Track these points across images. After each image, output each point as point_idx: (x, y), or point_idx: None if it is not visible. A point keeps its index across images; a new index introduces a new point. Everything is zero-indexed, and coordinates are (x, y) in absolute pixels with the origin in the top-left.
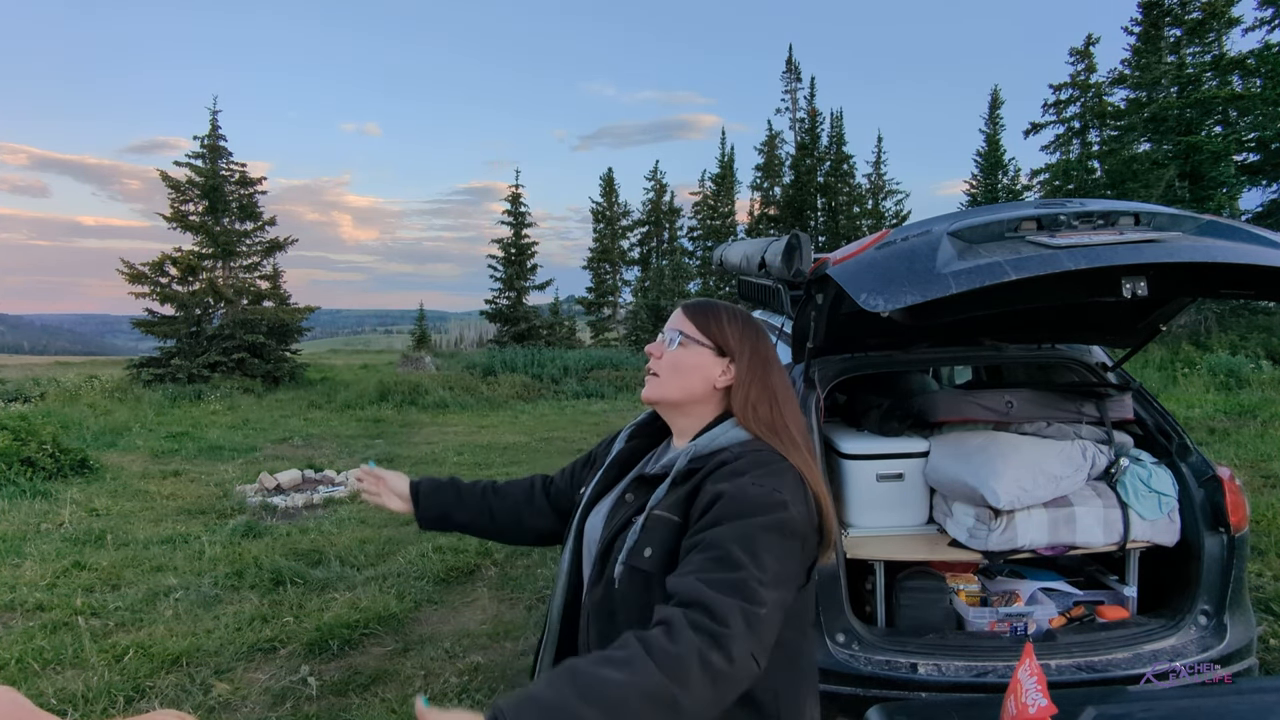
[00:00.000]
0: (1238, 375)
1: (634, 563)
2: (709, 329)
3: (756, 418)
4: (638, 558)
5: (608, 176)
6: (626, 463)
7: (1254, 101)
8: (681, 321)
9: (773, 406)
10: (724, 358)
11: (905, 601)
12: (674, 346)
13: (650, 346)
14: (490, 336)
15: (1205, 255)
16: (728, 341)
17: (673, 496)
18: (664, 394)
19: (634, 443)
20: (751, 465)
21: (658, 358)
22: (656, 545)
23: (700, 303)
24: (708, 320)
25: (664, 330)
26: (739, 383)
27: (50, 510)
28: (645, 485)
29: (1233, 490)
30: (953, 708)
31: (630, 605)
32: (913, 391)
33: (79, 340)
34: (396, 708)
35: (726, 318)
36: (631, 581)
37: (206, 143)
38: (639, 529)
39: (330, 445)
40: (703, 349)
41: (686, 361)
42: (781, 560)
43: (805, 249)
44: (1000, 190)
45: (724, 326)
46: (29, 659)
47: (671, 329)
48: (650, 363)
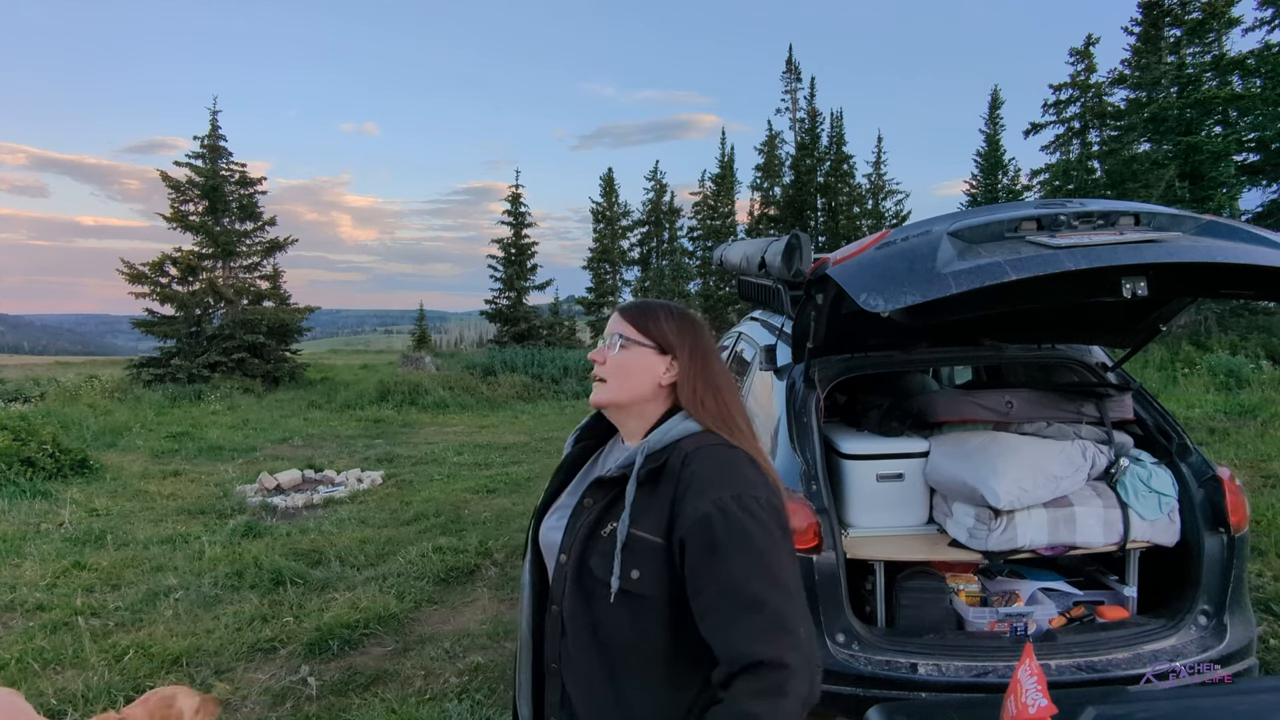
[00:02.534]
0: (1238, 375)
1: (626, 586)
2: (648, 329)
3: (705, 410)
4: (628, 581)
5: (608, 176)
6: (574, 466)
7: (1254, 101)
8: (621, 325)
9: (718, 397)
10: (666, 355)
11: (905, 601)
12: (617, 350)
13: (594, 353)
14: (490, 336)
15: (1205, 255)
16: (667, 339)
17: (644, 506)
18: (612, 397)
19: (581, 445)
20: (714, 466)
21: (602, 363)
22: (643, 567)
23: (636, 304)
24: (645, 320)
25: (604, 335)
26: (684, 378)
27: (50, 510)
28: (603, 488)
29: (1233, 490)
30: (953, 708)
31: (619, 622)
32: (913, 391)
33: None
34: (396, 708)
35: (664, 316)
36: (623, 603)
37: (206, 143)
38: (620, 549)
39: (330, 445)
40: (645, 349)
41: (631, 363)
42: (791, 560)
43: (805, 249)
44: (1000, 190)
45: (662, 325)
46: (29, 659)
47: (612, 333)
48: (595, 369)
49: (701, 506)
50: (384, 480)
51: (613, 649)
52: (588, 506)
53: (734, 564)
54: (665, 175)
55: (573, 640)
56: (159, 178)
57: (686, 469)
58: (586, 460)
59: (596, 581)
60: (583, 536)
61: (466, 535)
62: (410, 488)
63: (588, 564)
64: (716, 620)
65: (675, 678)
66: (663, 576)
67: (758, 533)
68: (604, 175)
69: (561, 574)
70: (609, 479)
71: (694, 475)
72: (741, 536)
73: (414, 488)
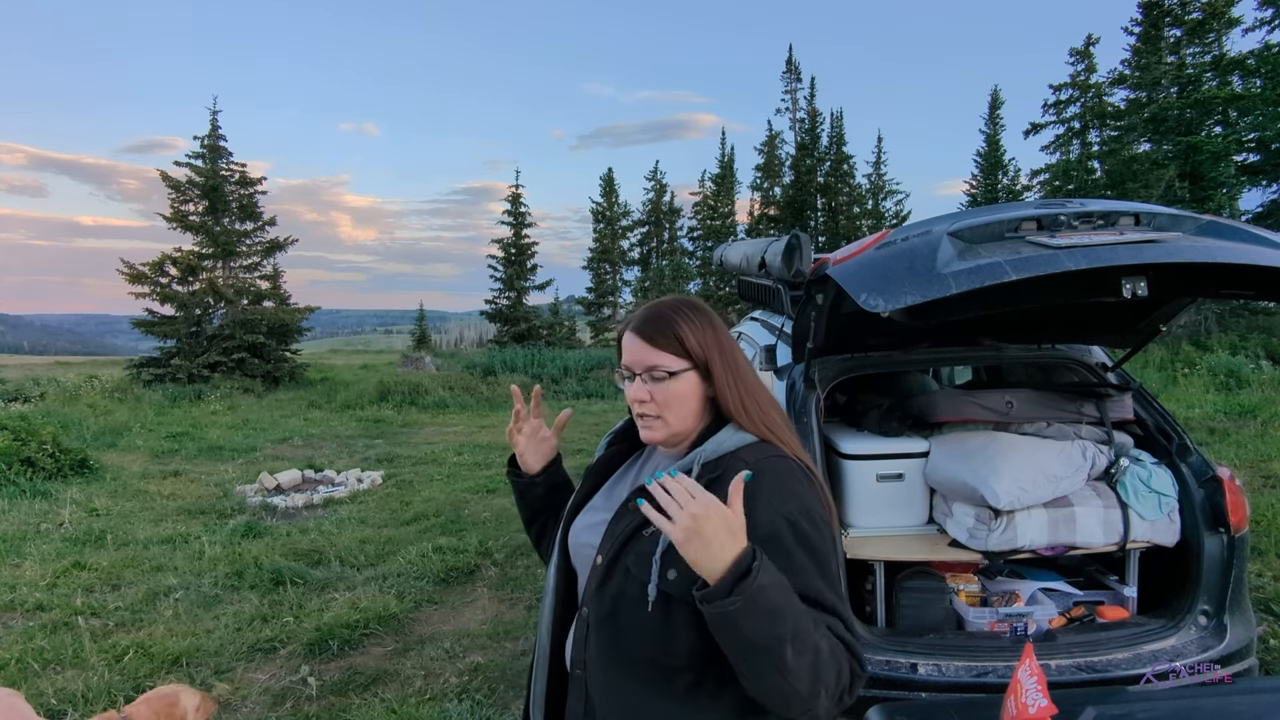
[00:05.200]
0: (1238, 375)
1: (663, 588)
2: (681, 349)
3: (750, 419)
4: (664, 581)
5: (608, 176)
6: (605, 470)
7: (1254, 101)
8: (649, 353)
9: (758, 400)
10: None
11: (905, 601)
12: (663, 385)
13: (631, 393)
14: (490, 336)
15: (1205, 255)
16: (699, 352)
17: None
18: (673, 431)
19: (613, 449)
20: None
21: (646, 400)
22: (681, 567)
23: (651, 321)
24: (671, 339)
25: (627, 365)
26: (721, 387)
27: (50, 510)
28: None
29: (1233, 490)
30: (953, 708)
31: (649, 629)
32: (913, 391)
33: (79, 340)
34: (396, 708)
35: (683, 325)
36: (657, 608)
37: (206, 143)
38: (662, 553)
39: (330, 445)
40: (688, 374)
41: (680, 391)
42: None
43: (805, 249)
44: (1000, 190)
45: (687, 337)
46: (29, 659)
47: (642, 364)
48: (638, 408)
49: (771, 517)
50: (384, 480)
51: (639, 658)
52: (633, 510)
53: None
54: (665, 175)
55: (597, 645)
56: (158, 177)
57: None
58: (621, 463)
59: (631, 581)
60: (623, 539)
61: (466, 535)
62: (410, 488)
63: (624, 564)
64: None
65: (697, 699)
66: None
67: (821, 545)
68: (604, 175)
69: (595, 576)
70: None
71: (760, 488)
72: (808, 546)
73: (414, 488)
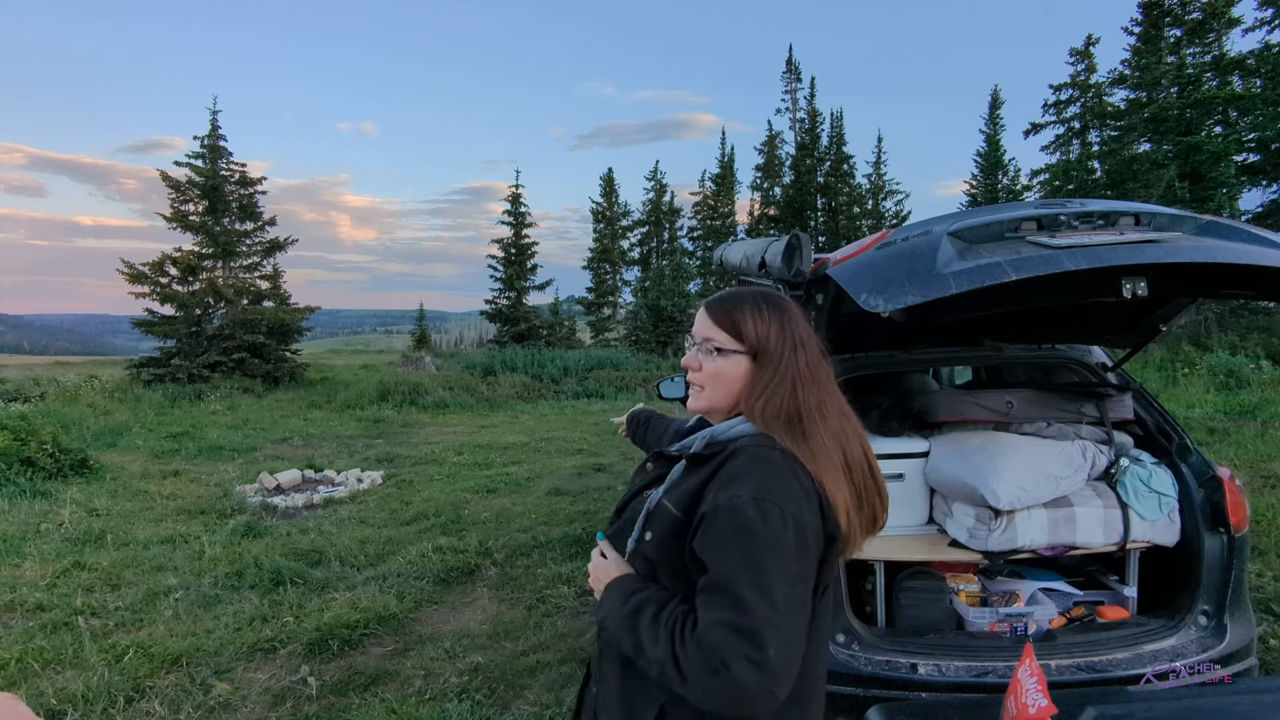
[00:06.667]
0: (1238, 375)
1: (640, 548)
2: (741, 333)
3: (765, 411)
4: (640, 541)
5: (607, 176)
6: None
7: (1254, 101)
8: (711, 329)
9: (794, 390)
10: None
11: (905, 601)
12: (713, 358)
13: (686, 360)
14: (490, 336)
15: (1205, 255)
16: (753, 339)
17: (683, 486)
18: (713, 404)
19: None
20: (750, 463)
21: (697, 369)
22: (656, 530)
23: (724, 301)
24: (734, 323)
25: (693, 334)
26: (754, 378)
27: (50, 510)
28: (664, 461)
29: (1233, 490)
30: (953, 708)
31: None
32: (913, 391)
33: (79, 340)
34: (396, 708)
35: (752, 315)
36: (633, 561)
37: (206, 143)
38: (644, 514)
39: (330, 445)
40: (737, 357)
41: (727, 371)
42: (794, 580)
43: (805, 249)
44: (1000, 190)
45: (753, 328)
46: (29, 659)
47: (700, 334)
48: (690, 374)
49: (722, 497)
50: (384, 480)
51: None
52: (647, 470)
53: (729, 560)
54: (665, 175)
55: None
56: (158, 177)
57: (731, 461)
58: None
59: (625, 531)
60: (631, 493)
61: (466, 535)
62: (410, 488)
63: (627, 515)
64: (698, 601)
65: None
66: (669, 546)
67: (763, 538)
68: (604, 175)
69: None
70: (671, 455)
71: (731, 468)
72: (744, 536)
73: (414, 488)
